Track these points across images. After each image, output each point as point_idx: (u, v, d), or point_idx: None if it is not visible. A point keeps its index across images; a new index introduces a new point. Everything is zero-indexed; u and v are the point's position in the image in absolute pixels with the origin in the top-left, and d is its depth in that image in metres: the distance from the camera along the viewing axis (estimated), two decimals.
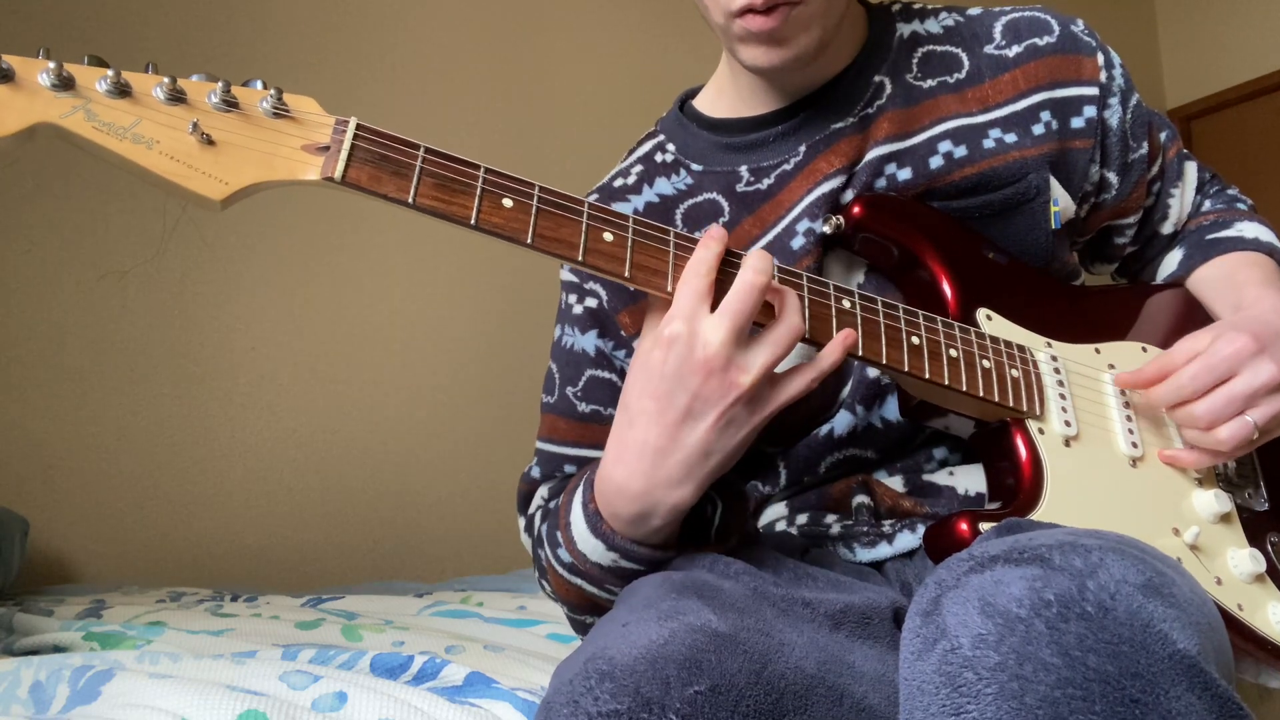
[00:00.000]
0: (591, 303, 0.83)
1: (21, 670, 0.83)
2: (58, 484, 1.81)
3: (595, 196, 0.88)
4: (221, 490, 1.95)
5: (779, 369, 0.64)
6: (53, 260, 1.86)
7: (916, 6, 0.88)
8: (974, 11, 0.87)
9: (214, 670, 0.78)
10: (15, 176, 1.83)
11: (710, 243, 0.62)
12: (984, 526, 0.65)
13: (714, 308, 0.61)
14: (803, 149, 0.81)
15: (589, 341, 0.83)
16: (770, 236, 0.80)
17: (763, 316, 0.63)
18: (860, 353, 0.67)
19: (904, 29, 0.85)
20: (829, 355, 0.64)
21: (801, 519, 0.81)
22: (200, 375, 1.96)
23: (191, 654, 0.85)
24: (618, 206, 0.85)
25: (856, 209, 0.77)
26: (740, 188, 0.82)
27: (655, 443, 0.61)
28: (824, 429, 0.80)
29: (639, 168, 0.88)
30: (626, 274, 0.61)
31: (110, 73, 0.52)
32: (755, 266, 0.61)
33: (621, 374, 0.83)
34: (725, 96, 0.87)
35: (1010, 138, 0.80)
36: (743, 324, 0.60)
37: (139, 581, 1.76)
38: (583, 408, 0.83)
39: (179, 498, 1.91)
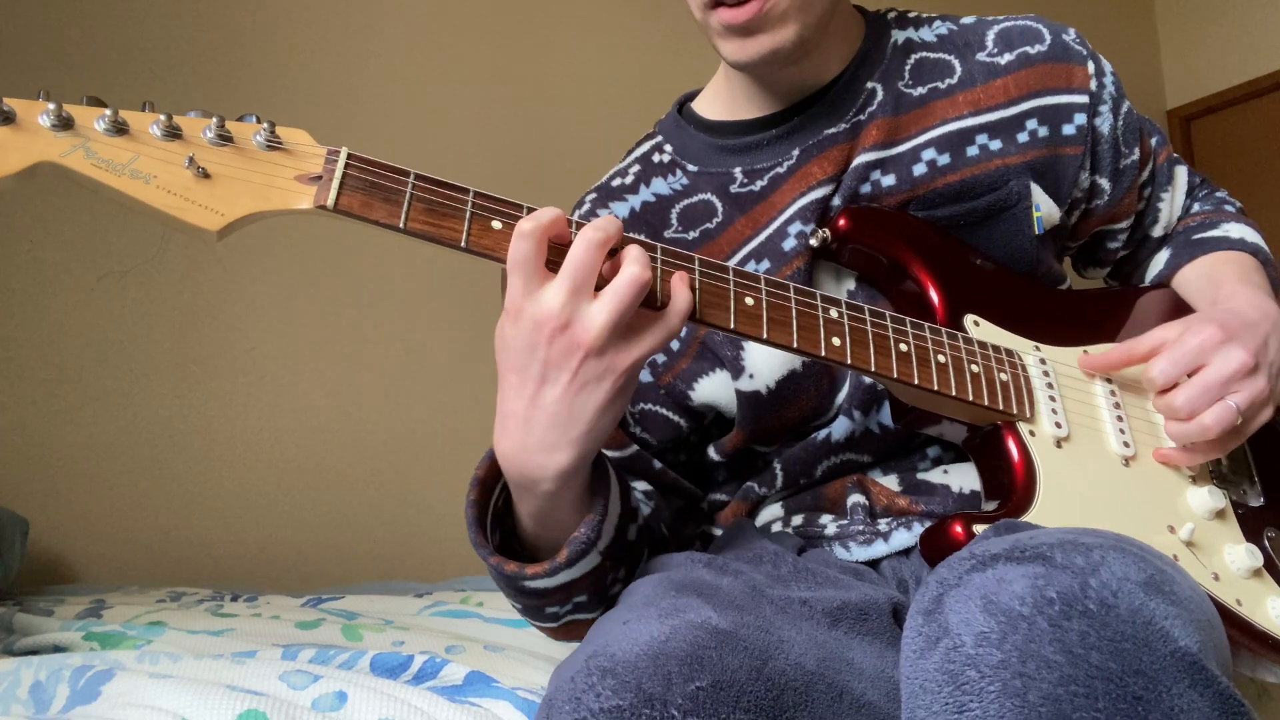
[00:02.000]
0: None
1: (21, 670, 0.83)
2: (58, 484, 1.81)
3: (594, 196, 0.89)
4: (221, 490, 1.95)
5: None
6: (53, 260, 1.86)
7: (911, 15, 0.89)
8: (967, 20, 0.88)
9: (214, 670, 0.78)
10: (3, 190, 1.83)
11: (538, 213, 0.60)
12: (978, 528, 0.65)
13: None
14: (796, 152, 0.82)
15: None
16: (762, 237, 0.81)
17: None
18: (849, 360, 0.67)
19: (899, 36, 0.86)
20: (678, 299, 0.62)
21: (797, 520, 0.81)
22: (200, 375, 1.96)
23: (191, 654, 0.85)
24: (615, 206, 0.86)
25: (842, 221, 0.78)
26: (734, 188, 0.83)
27: (522, 413, 0.61)
28: (821, 433, 0.80)
29: (636, 168, 0.89)
30: None
31: (108, 112, 0.54)
32: (594, 224, 0.60)
33: None
34: (722, 99, 0.88)
35: (995, 144, 0.81)
36: (580, 283, 0.58)
37: (139, 581, 1.76)
38: None
39: (179, 498, 1.91)
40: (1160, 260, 0.94)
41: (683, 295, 0.62)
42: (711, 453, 0.86)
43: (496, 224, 0.60)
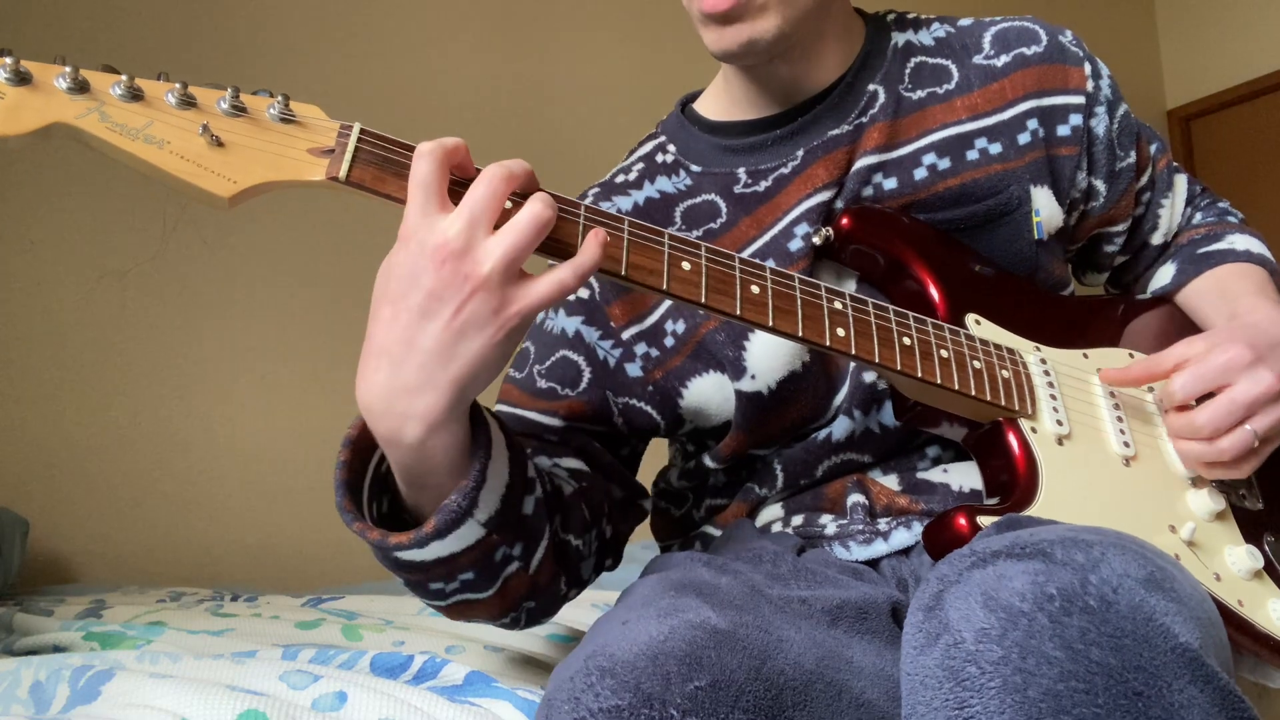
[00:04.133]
0: (584, 293, 0.84)
1: (21, 670, 0.83)
2: (58, 484, 1.81)
3: (596, 190, 0.89)
4: (221, 490, 1.95)
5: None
6: (53, 260, 1.86)
7: (910, 16, 0.89)
8: (965, 22, 0.88)
9: (214, 670, 0.78)
10: (16, 177, 1.83)
11: (441, 139, 0.58)
12: (982, 521, 0.65)
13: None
14: (800, 153, 0.82)
15: (570, 324, 0.83)
16: (768, 238, 0.81)
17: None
18: (854, 351, 0.67)
19: (899, 38, 0.86)
20: (585, 251, 0.58)
21: (797, 520, 0.81)
22: (200, 375, 1.96)
23: (191, 654, 0.85)
24: (618, 200, 0.86)
25: (845, 221, 0.78)
26: (738, 189, 0.83)
27: (391, 349, 0.56)
28: (821, 434, 0.80)
29: (640, 166, 0.89)
30: (623, 273, 0.62)
31: (124, 78, 0.55)
32: (501, 163, 0.57)
33: (601, 363, 0.83)
34: (724, 100, 0.88)
35: (995, 148, 0.81)
36: (479, 214, 0.55)
37: (139, 581, 1.76)
38: (541, 384, 0.83)
39: (179, 498, 1.91)
40: (1166, 273, 0.93)
41: (591, 249, 0.58)
42: (707, 461, 0.86)
43: (506, 203, 0.59)
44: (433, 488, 0.61)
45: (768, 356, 0.78)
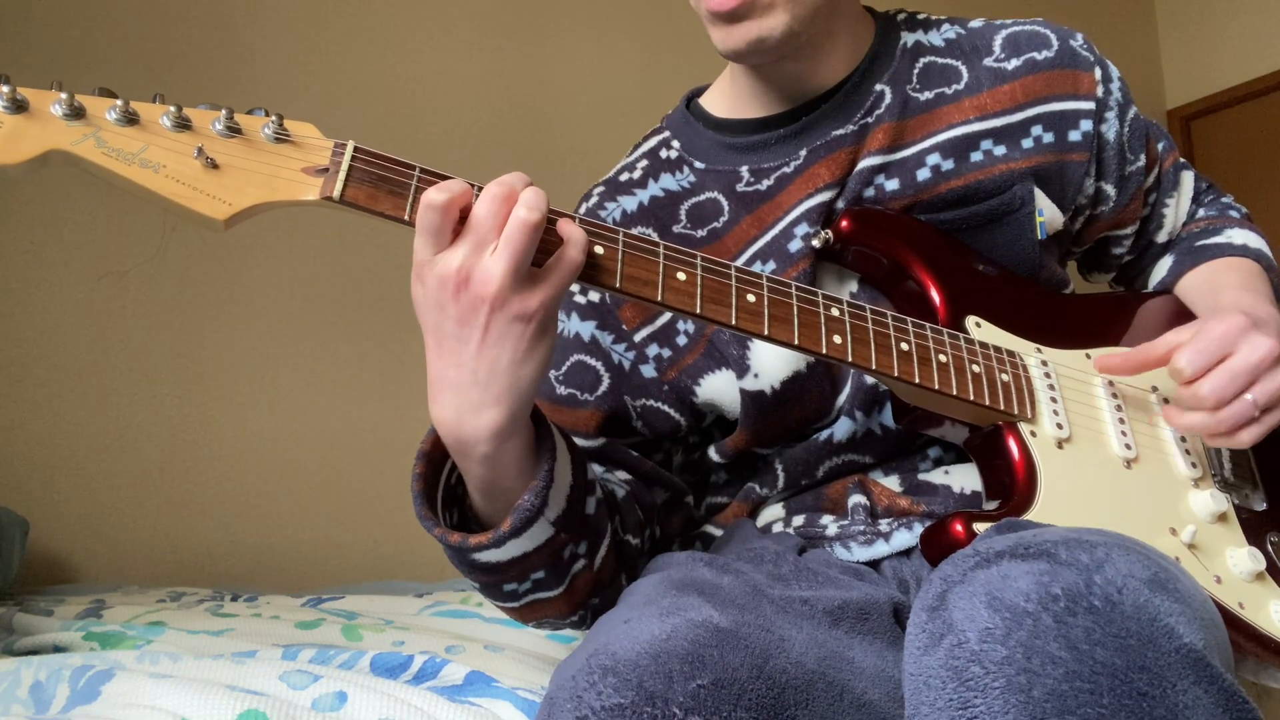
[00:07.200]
0: (595, 297, 0.84)
1: (21, 670, 0.83)
2: (58, 484, 1.81)
3: (601, 189, 0.89)
4: (221, 490, 1.95)
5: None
6: (53, 260, 1.86)
7: (920, 16, 0.89)
8: (975, 24, 0.87)
9: (214, 670, 0.78)
10: (16, 178, 1.83)
11: (450, 183, 0.60)
12: (979, 527, 0.65)
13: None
14: (804, 153, 0.82)
15: (585, 328, 0.83)
16: (768, 238, 0.81)
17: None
18: (850, 358, 0.68)
19: (908, 38, 0.86)
20: (571, 236, 0.61)
21: (798, 520, 0.81)
22: (200, 375, 1.96)
23: (191, 654, 0.85)
24: (623, 200, 0.86)
25: (845, 223, 0.78)
26: (740, 187, 0.83)
27: (446, 375, 0.60)
28: (823, 434, 0.80)
29: (644, 163, 0.89)
30: (618, 285, 0.63)
31: (119, 102, 0.55)
32: (499, 180, 0.60)
33: (616, 366, 0.83)
34: (729, 97, 0.88)
35: (999, 150, 0.81)
36: (483, 237, 0.58)
37: (139, 581, 1.76)
38: (561, 390, 0.83)
39: (179, 498, 1.91)
40: (1164, 266, 0.94)
41: (575, 232, 0.61)
42: (712, 453, 0.86)
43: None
44: (505, 493, 0.65)
45: (772, 356, 0.78)
